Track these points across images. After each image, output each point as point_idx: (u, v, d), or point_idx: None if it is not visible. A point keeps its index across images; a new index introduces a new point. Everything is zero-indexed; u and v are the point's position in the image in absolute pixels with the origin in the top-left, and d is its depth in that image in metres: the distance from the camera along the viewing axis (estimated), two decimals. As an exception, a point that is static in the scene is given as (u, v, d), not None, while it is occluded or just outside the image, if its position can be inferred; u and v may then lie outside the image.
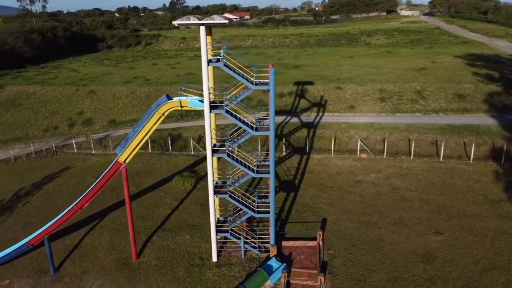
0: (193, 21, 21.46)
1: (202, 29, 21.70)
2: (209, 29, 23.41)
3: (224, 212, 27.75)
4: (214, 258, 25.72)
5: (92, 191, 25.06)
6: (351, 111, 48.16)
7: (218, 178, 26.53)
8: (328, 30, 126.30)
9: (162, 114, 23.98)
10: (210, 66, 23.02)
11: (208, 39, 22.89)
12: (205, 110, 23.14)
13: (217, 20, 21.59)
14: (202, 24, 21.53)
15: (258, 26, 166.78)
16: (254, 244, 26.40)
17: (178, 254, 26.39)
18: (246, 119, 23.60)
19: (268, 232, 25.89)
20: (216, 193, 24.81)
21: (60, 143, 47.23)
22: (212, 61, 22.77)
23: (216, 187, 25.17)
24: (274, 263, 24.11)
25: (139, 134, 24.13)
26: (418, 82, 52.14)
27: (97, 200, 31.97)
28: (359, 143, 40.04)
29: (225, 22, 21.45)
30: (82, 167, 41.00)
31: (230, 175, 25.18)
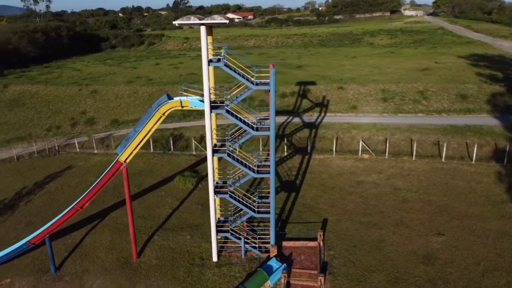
0: (194, 21, 21.46)
1: (203, 29, 21.70)
2: (210, 29, 23.41)
3: (225, 212, 27.75)
4: (215, 258, 25.71)
5: (93, 191, 25.10)
6: (353, 112, 48.06)
7: (219, 178, 26.54)
8: (331, 30, 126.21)
9: (163, 114, 23.98)
10: (211, 66, 23.05)
11: (209, 39, 22.91)
12: (206, 110, 23.14)
13: (218, 20, 21.56)
14: (203, 24, 21.53)
15: (261, 26, 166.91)
16: (255, 244, 26.37)
17: (179, 254, 26.40)
18: (247, 119, 23.60)
19: (269, 232, 25.86)
20: (217, 193, 24.80)
21: (63, 143, 47.39)
22: (213, 61, 22.78)
23: (217, 187, 25.17)
24: (274, 263, 24.07)
25: (140, 134, 24.15)
26: (421, 83, 51.96)
27: (99, 200, 32.10)
28: (361, 144, 39.93)
29: (226, 22, 21.44)
30: (84, 167, 41.13)
31: (231, 175, 25.19)
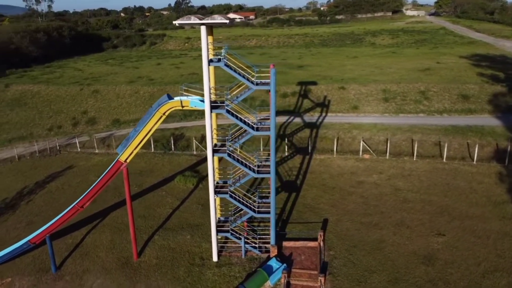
0: (194, 21, 21.47)
1: (203, 29, 21.71)
2: (210, 29, 23.42)
3: (225, 212, 27.76)
4: (215, 258, 25.70)
5: (93, 190, 25.12)
6: (355, 112, 48.01)
7: (219, 178, 26.54)
8: (333, 30, 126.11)
9: (163, 114, 23.98)
10: (211, 66, 23.06)
11: (209, 39, 22.92)
12: (206, 110, 23.14)
13: (218, 20, 21.55)
14: (203, 24, 21.54)
15: (263, 26, 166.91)
16: (255, 244, 26.36)
17: (179, 254, 26.41)
18: (247, 119, 23.59)
19: (269, 232, 25.84)
20: (217, 193, 24.80)
21: (64, 142, 47.48)
22: (213, 61, 22.78)
23: (217, 187, 25.18)
24: (274, 264, 24.05)
25: (140, 134, 24.16)
26: (422, 83, 51.88)
27: (99, 199, 32.15)
28: (362, 144, 39.88)
29: (226, 22, 21.43)
30: (85, 166, 41.19)
31: (231, 175, 25.20)
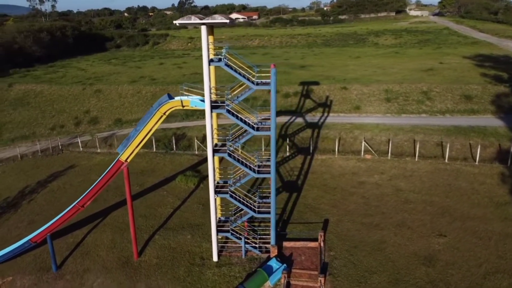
0: (194, 21, 21.49)
1: (203, 29, 21.73)
2: (211, 29, 23.44)
3: (226, 212, 27.76)
4: (215, 258, 25.70)
5: (94, 190, 25.19)
6: (357, 112, 47.89)
7: (220, 178, 26.54)
8: (336, 30, 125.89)
9: (164, 114, 24.00)
10: (212, 66, 23.07)
11: (210, 39, 22.94)
12: (206, 110, 23.14)
13: (218, 20, 21.56)
14: (203, 24, 21.56)
15: (266, 26, 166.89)
16: (255, 244, 26.33)
17: (179, 254, 26.43)
18: (247, 119, 23.57)
19: (269, 233, 25.80)
20: (217, 193, 24.79)
21: (66, 142, 47.65)
22: (214, 61, 22.79)
23: (218, 187, 25.18)
24: (274, 264, 24.02)
25: (141, 133, 24.19)
26: (425, 83, 51.67)
27: (100, 199, 32.29)
28: (364, 144, 39.77)
29: (226, 22, 21.43)
30: (87, 166, 41.30)
31: (232, 175, 25.18)
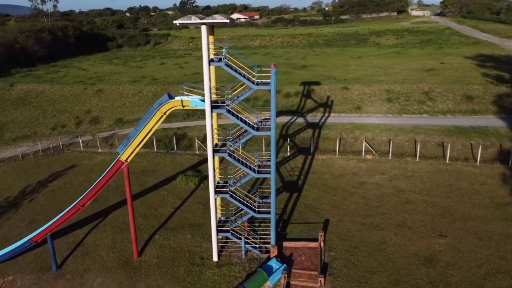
0: (194, 21, 21.49)
1: (204, 29, 21.73)
2: (212, 29, 23.45)
3: (226, 212, 27.76)
4: (215, 258, 25.70)
5: (94, 190, 25.21)
6: (358, 112, 47.83)
7: (220, 178, 26.54)
8: (337, 30, 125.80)
9: (164, 113, 24.00)
10: (212, 66, 23.08)
11: (211, 39, 22.94)
12: (206, 110, 23.14)
13: (218, 20, 21.55)
14: (203, 24, 21.56)
15: (267, 26, 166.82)
16: (255, 245, 26.31)
17: (179, 253, 26.44)
18: (248, 119, 23.56)
19: (269, 233, 25.78)
20: (217, 193, 24.79)
21: (67, 141, 47.72)
22: (214, 61, 22.79)
23: (218, 187, 25.17)
24: (274, 264, 24.01)
25: (141, 133, 24.20)
26: (426, 83, 51.57)
27: (101, 198, 32.33)
28: (364, 144, 39.72)
29: (226, 22, 21.42)
30: (88, 165, 41.34)
31: (232, 175, 25.18)
